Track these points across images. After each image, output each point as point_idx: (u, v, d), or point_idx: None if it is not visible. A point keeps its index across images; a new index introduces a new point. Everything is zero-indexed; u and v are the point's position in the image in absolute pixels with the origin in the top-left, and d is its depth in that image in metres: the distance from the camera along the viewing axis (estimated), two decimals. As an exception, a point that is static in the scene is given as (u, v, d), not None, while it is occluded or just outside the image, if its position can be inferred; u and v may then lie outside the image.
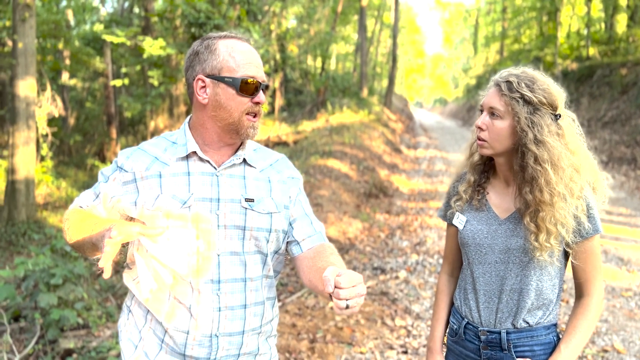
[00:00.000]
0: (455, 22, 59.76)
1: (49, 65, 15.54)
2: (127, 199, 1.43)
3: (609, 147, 13.97)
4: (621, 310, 4.58)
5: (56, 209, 11.68)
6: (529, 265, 1.56)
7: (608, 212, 8.20)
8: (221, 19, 9.89)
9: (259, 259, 1.48)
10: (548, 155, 1.49)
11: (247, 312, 1.45)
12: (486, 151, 1.58)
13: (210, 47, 1.44)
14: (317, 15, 24.93)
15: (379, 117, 20.83)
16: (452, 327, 1.75)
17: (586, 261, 1.57)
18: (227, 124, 1.43)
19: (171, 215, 1.38)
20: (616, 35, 21.32)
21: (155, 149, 1.48)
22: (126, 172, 1.45)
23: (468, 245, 1.65)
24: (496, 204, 1.65)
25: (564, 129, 1.54)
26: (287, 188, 1.56)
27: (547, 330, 1.60)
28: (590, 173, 1.58)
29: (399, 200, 9.77)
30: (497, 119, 1.54)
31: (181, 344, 1.41)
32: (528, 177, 1.50)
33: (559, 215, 1.48)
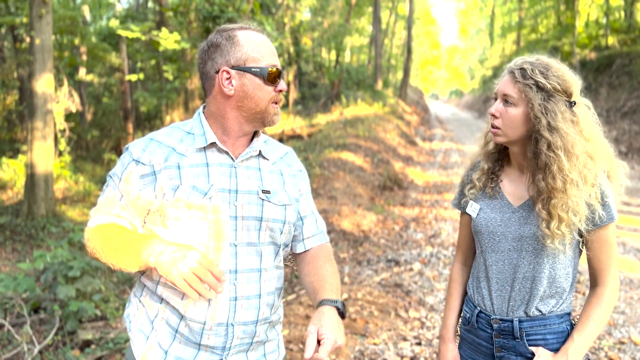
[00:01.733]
0: (471, 13, 59.05)
1: (65, 61, 15.73)
2: (146, 192, 1.42)
3: (629, 138, 13.73)
4: (638, 302, 4.53)
5: (74, 203, 11.86)
6: (542, 253, 1.55)
7: (626, 203, 8.08)
8: (235, 12, 9.90)
9: (272, 250, 1.51)
10: (562, 142, 1.48)
11: (261, 302, 1.48)
12: (500, 139, 1.57)
13: (231, 38, 1.45)
14: (330, 7, 24.82)
15: (394, 109, 20.72)
16: (465, 316, 1.75)
17: (601, 250, 1.56)
18: (253, 113, 1.45)
19: (192, 206, 1.39)
20: (636, 23, 20.88)
21: (170, 139, 1.47)
22: (144, 165, 1.43)
23: (481, 233, 1.65)
24: (509, 192, 1.65)
25: (579, 116, 1.53)
26: (297, 182, 1.60)
27: (560, 319, 1.59)
28: (606, 161, 1.56)
29: (413, 193, 9.73)
30: (511, 106, 1.54)
31: (197, 333, 1.43)
32: (541, 164, 1.50)
33: (571, 203, 1.47)
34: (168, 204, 1.40)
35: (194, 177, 1.42)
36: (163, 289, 1.45)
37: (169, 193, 1.40)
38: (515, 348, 1.60)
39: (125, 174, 1.45)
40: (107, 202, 1.48)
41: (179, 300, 1.42)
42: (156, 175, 1.41)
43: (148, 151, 1.44)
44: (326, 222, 7.22)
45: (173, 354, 1.44)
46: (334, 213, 7.52)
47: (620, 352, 3.68)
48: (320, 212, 7.58)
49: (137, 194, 1.43)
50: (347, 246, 6.43)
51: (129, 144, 1.49)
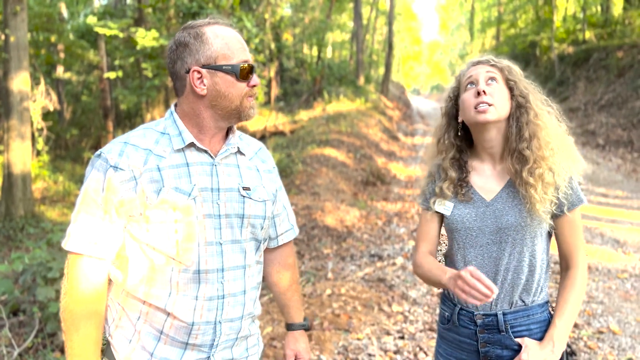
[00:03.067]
0: (451, 8, 59.43)
1: (42, 59, 15.47)
2: (128, 198, 1.37)
3: (606, 130, 13.96)
4: (617, 291, 4.61)
5: (54, 203, 11.69)
6: (523, 242, 1.57)
7: (604, 194, 8.23)
8: (214, 9, 9.83)
9: (254, 246, 1.52)
10: (543, 112, 1.60)
11: (246, 298, 1.48)
12: (491, 116, 1.56)
13: (200, 36, 1.41)
14: (311, 3, 24.77)
15: (376, 105, 20.79)
16: (444, 315, 1.73)
17: (570, 233, 1.62)
18: (228, 110, 1.43)
19: (177, 207, 1.37)
20: (612, 18, 21.21)
21: (145, 141, 1.42)
22: (123, 171, 1.37)
23: (457, 230, 1.64)
24: (480, 187, 1.65)
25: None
26: (273, 177, 1.61)
27: (541, 308, 1.62)
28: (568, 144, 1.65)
29: (396, 188, 9.78)
30: (496, 84, 1.60)
31: (185, 333, 1.41)
32: (527, 135, 1.57)
33: (555, 168, 1.56)
34: (152, 207, 1.37)
35: (176, 178, 1.39)
36: (146, 290, 1.41)
37: (152, 196, 1.36)
38: (500, 341, 1.61)
39: (105, 183, 1.38)
40: (84, 216, 1.39)
41: (165, 301, 1.40)
42: (137, 180, 1.37)
43: (125, 155, 1.38)
44: (309, 218, 7.22)
45: (159, 355, 1.42)
46: (317, 209, 7.53)
47: (599, 341, 3.75)
48: (304, 208, 7.58)
49: (119, 200, 1.38)
50: (330, 242, 6.44)
51: (102, 150, 1.42)
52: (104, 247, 1.40)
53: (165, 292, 1.40)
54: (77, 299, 1.38)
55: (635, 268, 5.13)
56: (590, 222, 6.71)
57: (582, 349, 3.64)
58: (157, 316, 1.42)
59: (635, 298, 4.47)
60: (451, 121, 1.72)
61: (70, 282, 1.39)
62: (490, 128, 1.60)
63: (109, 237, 1.40)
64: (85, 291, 1.38)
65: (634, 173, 9.88)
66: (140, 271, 1.41)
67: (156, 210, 1.36)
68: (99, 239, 1.39)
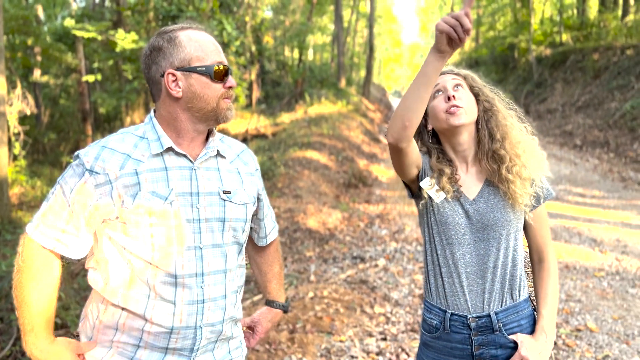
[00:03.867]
0: (431, 11, 59.94)
1: (19, 62, 15.22)
2: (103, 202, 1.37)
3: (583, 131, 14.22)
4: (594, 290, 4.70)
5: (31, 208, 11.49)
6: (508, 238, 1.62)
7: (581, 194, 8.38)
8: (194, 12, 9.77)
9: (236, 249, 1.52)
10: (510, 115, 1.70)
11: (227, 302, 1.48)
12: (463, 119, 1.61)
13: (173, 40, 1.43)
14: (292, 5, 24.80)
15: (358, 107, 20.87)
16: (431, 324, 1.69)
17: (541, 226, 1.70)
18: (204, 112, 1.43)
19: (153, 212, 1.37)
20: (588, 20, 21.63)
21: (124, 145, 1.42)
22: (98, 174, 1.37)
23: (447, 224, 1.63)
24: (461, 186, 1.69)
25: None
26: (255, 180, 1.62)
27: (526, 303, 1.67)
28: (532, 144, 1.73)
29: (378, 190, 9.83)
30: (463, 91, 1.67)
31: (164, 338, 1.41)
32: (499, 135, 1.65)
33: (529, 164, 1.64)
34: (128, 212, 1.36)
35: (153, 182, 1.39)
36: (125, 293, 1.41)
37: (127, 200, 1.36)
38: (495, 341, 1.62)
39: (78, 186, 1.38)
40: (53, 211, 1.40)
41: (144, 306, 1.40)
42: (112, 183, 1.37)
43: (101, 159, 1.39)
44: (292, 221, 7.22)
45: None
46: (299, 212, 7.53)
47: (577, 339, 3.82)
48: (286, 210, 7.58)
49: (94, 204, 1.37)
50: (313, 244, 6.44)
51: (79, 152, 1.42)
52: (67, 247, 1.41)
53: (143, 296, 1.40)
54: (31, 278, 1.40)
55: (611, 266, 5.24)
56: (568, 222, 6.82)
57: (561, 347, 3.70)
58: (136, 322, 1.41)
59: (612, 296, 4.56)
60: (421, 130, 1.77)
61: (26, 264, 1.41)
62: (462, 131, 1.65)
63: (73, 239, 1.41)
64: (39, 273, 1.41)
65: (610, 173, 10.07)
66: (120, 275, 1.41)
67: (132, 214, 1.36)
68: (63, 237, 1.41)
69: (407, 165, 1.62)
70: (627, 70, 15.24)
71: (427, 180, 1.67)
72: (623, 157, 11.22)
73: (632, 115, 12.81)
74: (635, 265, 5.23)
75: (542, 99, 18.84)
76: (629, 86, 14.41)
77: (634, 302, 4.42)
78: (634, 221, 6.80)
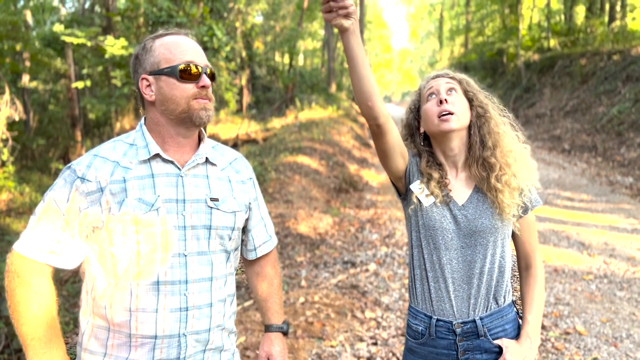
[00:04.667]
0: (420, 17, 60.36)
1: (7, 68, 15.10)
2: (92, 209, 1.38)
3: (571, 136, 14.35)
4: (582, 293, 4.74)
5: (19, 215, 11.38)
6: (495, 245, 1.63)
7: (569, 198, 8.45)
8: (184, 17, 9.77)
9: (224, 257, 1.51)
10: (503, 122, 1.69)
11: (212, 310, 1.47)
12: (454, 124, 1.61)
13: (147, 47, 1.48)
14: (282, 11, 24.85)
15: (348, 112, 20.93)
16: (416, 330, 1.70)
17: (529, 233, 1.71)
18: (177, 114, 1.43)
19: (139, 219, 1.37)
20: (575, 26, 21.89)
21: (114, 153, 1.44)
22: (89, 182, 1.39)
23: (434, 229, 1.63)
24: (451, 191, 1.69)
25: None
26: (246, 188, 1.60)
27: (510, 308, 1.68)
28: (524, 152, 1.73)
29: (368, 194, 9.85)
30: (456, 95, 1.67)
31: (149, 348, 1.40)
32: (491, 144, 1.64)
33: (519, 174, 1.64)
34: (114, 219, 1.37)
35: (140, 189, 1.40)
36: (110, 301, 1.40)
37: (114, 207, 1.37)
38: (480, 346, 1.63)
39: (71, 194, 1.39)
40: (45, 224, 1.39)
41: (127, 313, 1.39)
42: (103, 191, 1.38)
43: (93, 167, 1.40)
44: (283, 226, 7.22)
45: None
46: (290, 217, 7.53)
47: (566, 342, 3.85)
48: (277, 216, 7.57)
49: (84, 211, 1.38)
50: (304, 250, 6.44)
51: (72, 163, 1.44)
52: (62, 257, 1.40)
53: (126, 302, 1.39)
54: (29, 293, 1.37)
55: (599, 270, 5.28)
56: (557, 226, 6.88)
57: (550, 350, 3.73)
58: (122, 333, 1.41)
59: (600, 299, 4.60)
60: (414, 132, 1.78)
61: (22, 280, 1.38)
62: (453, 137, 1.65)
63: (68, 248, 1.40)
64: (37, 286, 1.38)
65: (598, 177, 10.17)
66: (106, 280, 1.41)
67: (117, 221, 1.37)
68: (57, 248, 1.39)
69: (391, 149, 1.61)
70: (614, 75, 15.42)
71: (416, 184, 1.67)
72: (610, 161, 11.34)
73: (619, 120, 12.96)
74: (623, 268, 5.28)
75: (531, 104, 19.00)
76: (616, 91, 14.58)
77: (621, 304, 4.46)
78: (622, 224, 6.87)
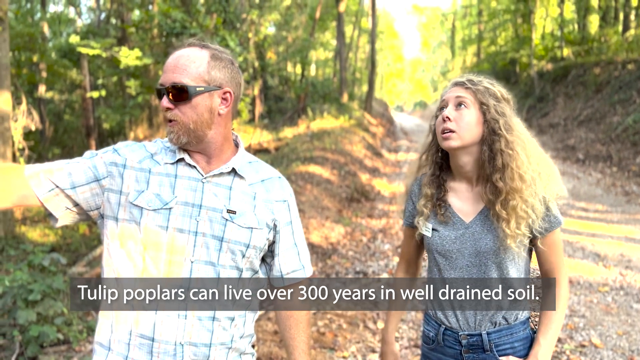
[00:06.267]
0: (432, 26, 60.40)
1: (24, 79, 15.35)
2: (107, 182, 1.42)
3: (585, 145, 14.22)
4: (598, 305, 4.67)
5: (35, 223, 11.51)
6: (502, 266, 1.58)
7: (584, 209, 8.35)
8: (197, 28, 9.88)
9: (235, 274, 1.45)
10: (518, 140, 1.55)
11: (215, 325, 1.42)
12: (454, 143, 1.56)
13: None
14: (294, 22, 25.01)
15: (360, 121, 20.93)
16: (428, 335, 1.72)
17: (551, 252, 1.62)
18: None
19: (149, 212, 1.39)
20: (589, 35, 21.75)
21: (153, 147, 1.50)
22: (119, 156, 1.45)
23: (437, 252, 1.64)
24: (459, 209, 1.65)
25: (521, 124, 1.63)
26: (273, 209, 1.52)
27: (523, 325, 1.63)
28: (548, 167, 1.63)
29: (380, 204, 9.82)
30: (465, 109, 1.57)
31: (147, 351, 1.39)
32: (500, 164, 1.54)
33: (529, 201, 1.53)
34: (127, 204, 1.40)
35: (160, 185, 1.42)
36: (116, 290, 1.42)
37: (132, 194, 1.41)
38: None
39: (104, 155, 1.46)
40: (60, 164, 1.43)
41: (129, 316, 1.40)
42: (125, 168, 1.43)
43: (129, 148, 1.48)
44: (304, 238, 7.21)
45: None
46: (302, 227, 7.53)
47: (581, 355, 3.79)
48: (288, 226, 7.57)
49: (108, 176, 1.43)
50: (315, 259, 6.43)
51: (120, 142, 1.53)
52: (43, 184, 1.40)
53: (129, 303, 1.40)
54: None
55: (615, 281, 5.21)
56: (571, 237, 6.80)
57: (565, 363, 3.67)
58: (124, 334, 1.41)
59: (616, 311, 4.53)
60: (435, 139, 1.71)
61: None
62: (460, 154, 1.60)
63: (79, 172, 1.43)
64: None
65: (613, 187, 10.06)
66: (110, 282, 1.44)
67: (130, 208, 1.40)
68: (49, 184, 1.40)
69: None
70: (629, 84, 15.28)
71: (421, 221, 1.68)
72: (626, 171, 11.21)
73: (634, 130, 12.82)
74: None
75: (544, 114, 18.88)
76: (631, 100, 14.44)
77: (638, 317, 4.39)
78: (638, 235, 6.77)
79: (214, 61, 1.44)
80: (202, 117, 1.41)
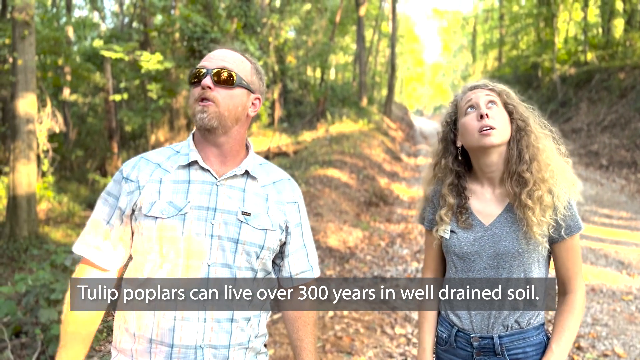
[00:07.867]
0: (453, 30, 60.00)
1: (49, 82, 15.66)
2: (129, 208, 1.45)
3: (609, 151, 13.96)
4: (621, 314, 4.57)
5: (58, 224, 11.72)
6: (520, 269, 1.57)
7: (608, 215, 8.20)
8: (218, 32, 9.98)
9: (250, 275, 1.47)
10: (545, 135, 1.63)
11: (233, 326, 1.44)
12: (496, 140, 1.55)
13: None
14: (315, 26, 25.08)
15: (379, 126, 20.88)
16: (441, 336, 1.72)
17: (568, 258, 1.60)
18: (193, 119, 1.49)
19: (164, 221, 1.40)
20: (613, 39, 21.38)
21: (159, 156, 1.50)
22: (132, 182, 1.45)
23: (455, 254, 1.64)
24: (479, 211, 1.64)
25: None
26: (284, 210, 1.55)
27: (537, 331, 1.61)
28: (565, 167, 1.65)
29: (399, 209, 9.77)
30: (497, 108, 1.60)
31: (166, 356, 1.40)
32: (528, 157, 1.58)
33: (556, 190, 1.56)
34: (142, 217, 1.42)
35: (173, 193, 1.43)
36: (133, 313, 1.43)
37: (145, 207, 1.42)
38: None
39: (119, 192, 1.48)
40: (94, 223, 1.50)
41: (150, 322, 1.41)
42: (140, 190, 1.44)
43: (137, 168, 1.48)
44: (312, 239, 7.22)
45: None
46: (320, 230, 7.52)
47: (604, 364, 3.71)
48: (306, 229, 7.58)
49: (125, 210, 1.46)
50: (333, 263, 6.42)
51: (123, 164, 1.54)
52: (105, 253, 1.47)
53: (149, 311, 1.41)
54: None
55: (639, 290, 5.10)
56: (594, 244, 6.68)
57: (587, 372, 3.60)
58: (144, 338, 1.42)
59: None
60: (449, 146, 1.71)
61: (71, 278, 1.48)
62: (492, 152, 1.60)
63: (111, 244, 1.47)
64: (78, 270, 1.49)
65: (638, 194, 9.85)
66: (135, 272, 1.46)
67: (145, 220, 1.41)
68: (102, 244, 1.47)
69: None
70: (655, 89, 14.97)
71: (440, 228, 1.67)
72: (651, 178, 10.97)
73: (660, 135, 12.55)
74: (665, 289, 5.08)
75: (567, 119, 18.60)
76: (657, 105, 14.15)
77: (663, 327, 4.29)
78: (663, 243, 6.62)
79: (255, 70, 1.54)
80: (236, 109, 1.47)
